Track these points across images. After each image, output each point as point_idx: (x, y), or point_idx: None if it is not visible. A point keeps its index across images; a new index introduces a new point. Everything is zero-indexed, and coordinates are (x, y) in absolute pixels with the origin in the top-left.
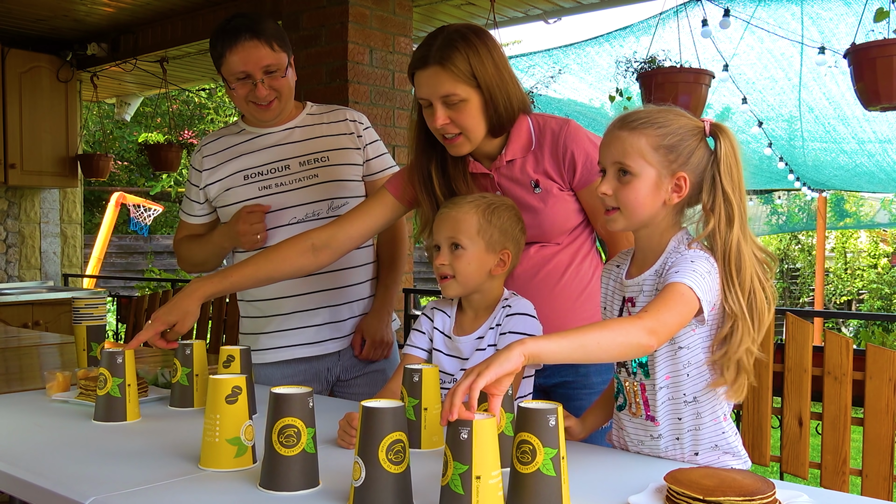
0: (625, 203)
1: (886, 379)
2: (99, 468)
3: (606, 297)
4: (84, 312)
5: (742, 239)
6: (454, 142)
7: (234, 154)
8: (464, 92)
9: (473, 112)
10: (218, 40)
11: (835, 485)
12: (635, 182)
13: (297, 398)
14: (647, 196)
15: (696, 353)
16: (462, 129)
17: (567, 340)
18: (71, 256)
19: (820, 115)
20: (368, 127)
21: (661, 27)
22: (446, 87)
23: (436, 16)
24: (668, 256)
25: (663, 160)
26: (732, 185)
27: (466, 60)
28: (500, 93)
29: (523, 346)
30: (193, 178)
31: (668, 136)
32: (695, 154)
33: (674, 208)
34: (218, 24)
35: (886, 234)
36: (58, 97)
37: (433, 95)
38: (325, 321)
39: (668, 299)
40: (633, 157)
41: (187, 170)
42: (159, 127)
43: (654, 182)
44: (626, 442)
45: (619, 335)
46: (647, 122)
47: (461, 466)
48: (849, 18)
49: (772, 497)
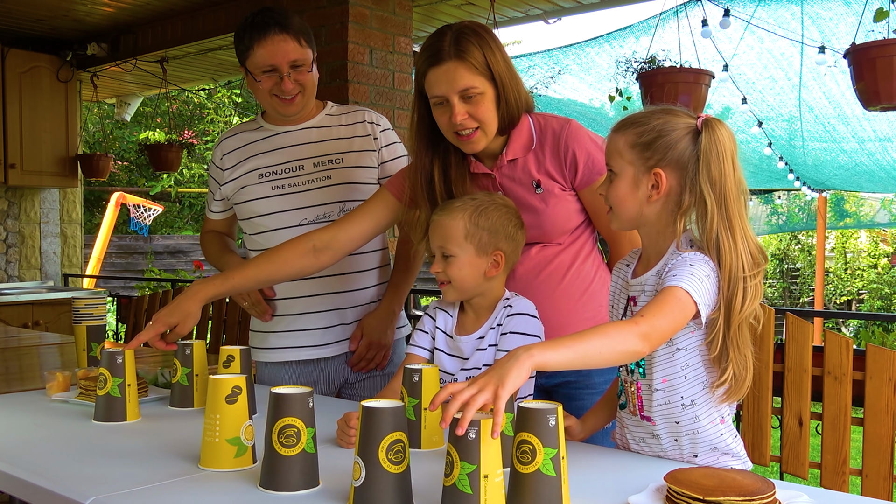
0: (612, 202)
1: (886, 379)
2: (99, 468)
3: (614, 295)
4: (84, 312)
5: (723, 233)
6: (471, 137)
7: (251, 152)
8: (481, 85)
9: (489, 105)
10: (245, 33)
11: (835, 485)
12: (616, 181)
13: (297, 398)
14: (627, 194)
15: (694, 354)
16: (479, 124)
17: (570, 350)
18: (71, 256)
19: (820, 114)
20: (387, 129)
21: (661, 27)
22: (465, 80)
23: (436, 16)
24: (668, 258)
25: (639, 157)
26: (711, 180)
27: (482, 53)
28: (511, 86)
29: (531, 358)
30: (213, 174)
31: (645, 133)
32: (674, 149)
33: (664, 207)
34: (244, 17)
35: (886, 234)
36: (58, 97)
37: (451, 91)
38: (333, 324)
39: (664, 304)
40: (613, 157)
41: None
42: (159, 127)
43: (632, 179)
44: (627, 440)
45: (616, 342)
46: (630, 122)
47: (469, 466)
48: (849, 18)
49: (772, 497)
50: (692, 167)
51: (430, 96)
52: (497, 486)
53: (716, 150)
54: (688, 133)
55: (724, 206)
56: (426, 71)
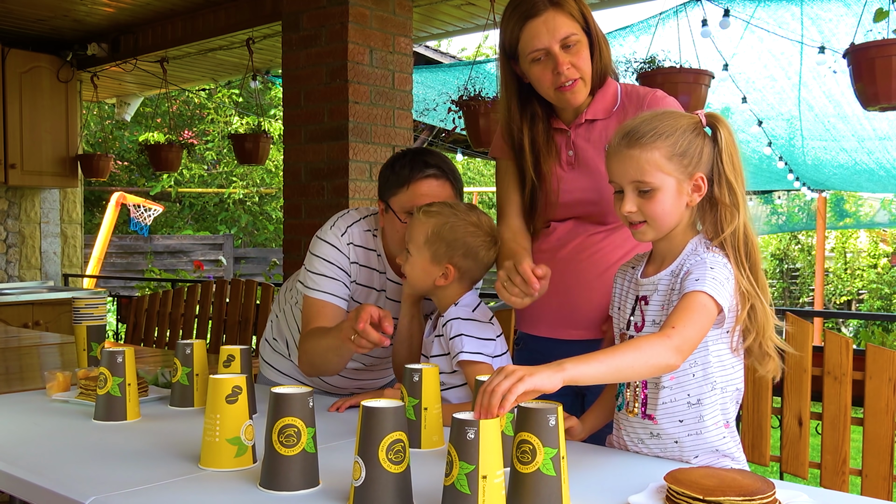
0: (652, 216)
1: (886, 379)
2: (99, 468)
3: (619, 296)
4: (84, 312)
5: (748, 221)
6: (573, 87)
7: (376, 288)
8: (579, 32)
9: (587, 55)
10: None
11: (834, 485)
12: (658, 195)
13: (297, 398)
14: (672, 204)
15: (703, 352)
16: (580, 73)
17: (603, 365)
18: (71, 256)
19: (820, 113)
20: None
21: (660, 27)
22: (566, 27)
23: (436, 16)
24: (685, 258)
25: (679, 166)
26: (735, 172)
27: (576, 2)
28: (602, 39)
29: (564, 372)
30: (342, 263)
31: (678, 142)
32: (704, 151)
33: (691, 208)
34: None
35: (886, 234)
36: (58, 97)
37: (553, 40)
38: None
39: (691, 311)
40: (650, 174)
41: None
42: (159, 127)
43: (676, 189)
44: (625, 442)
45: (650, 356)
46: (654, 133)
47: (467, 466)
48: (848, 18)
49: (772, 497)
50: (716, 164)
51: (529, 52)
52: (496, 486)
53: (733, 142)
54: (700, 131)
55: (744, 195)
56: (522, 26)
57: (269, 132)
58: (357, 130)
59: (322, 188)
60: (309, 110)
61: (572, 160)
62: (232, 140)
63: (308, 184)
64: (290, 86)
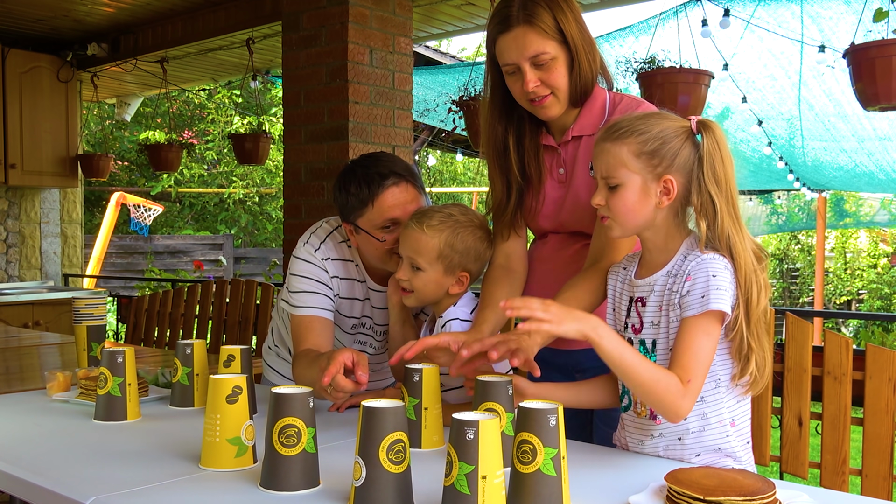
0: (615, 212)
1: (886, 379)
2: (99, 468)
3: (614, 297)
4: (84, 312)
5: (733, 231)
6: (543, 102)
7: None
8: (553, 49)
9: (562, 70)
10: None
11: (834, 485)
12: (621, 191)
13: (297, 398)
14: (636, 203)
15: None
16: (552, 89)
17: (624, 351)
18: (71, 256)
19: (820, 112)
20: None
21: (660, 27)
22: (535, 45)
23: (436, 16)
24: (682, 259)
25: (646, 166)
26: (717, 181)
27: (552, 16)
28: (585, 50)
29: (592, 329)
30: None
31: (649, 141)
32: (680, 155)
33: (671, 209)
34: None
35: (886, 234)
36: (58, 97)
37: (521, 57)
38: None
39: (701, 351)
40: (616, 168)
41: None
42: (159, 127)
43: (640, 188)
44: (626, 442)
45: (662, 389)
46: (629, 130)
47: (467, 467)
48: (849, 17)
49: (772, 497)
50: (697, 169)
51: (502, 64)
52: (496, 487)
53: (718, 150)
54: (686, 136)
55: (731, 205)
56: (496, 38)
57: (269, 132)
58: (357, 130)
59: (322, 188)
60: (309, 110)
61: (563, 178)
62: (232, 140)
63: (308, 184)
64: (290, 86)
